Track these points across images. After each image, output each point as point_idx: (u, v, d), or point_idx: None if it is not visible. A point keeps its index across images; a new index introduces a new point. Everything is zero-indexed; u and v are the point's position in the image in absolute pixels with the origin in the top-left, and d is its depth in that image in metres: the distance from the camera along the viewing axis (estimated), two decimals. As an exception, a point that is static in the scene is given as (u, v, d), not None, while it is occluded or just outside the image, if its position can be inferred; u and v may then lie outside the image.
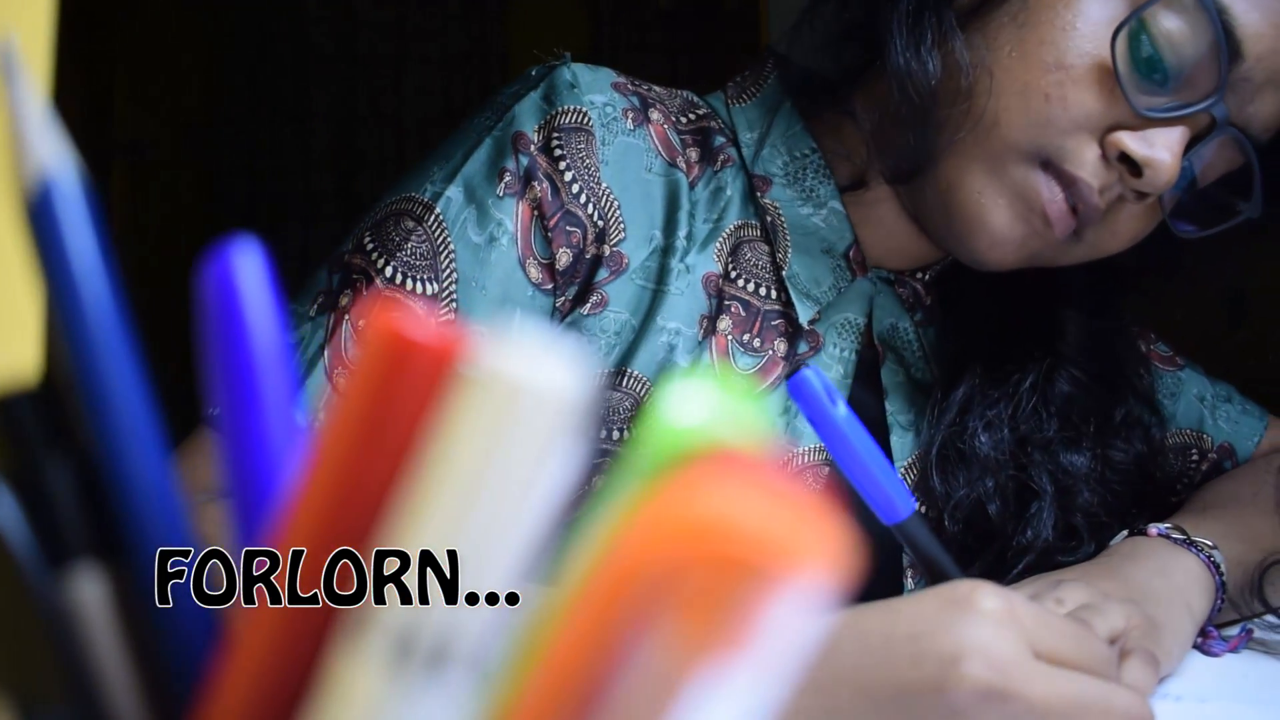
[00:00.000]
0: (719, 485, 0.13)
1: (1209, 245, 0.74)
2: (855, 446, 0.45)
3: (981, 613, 0.43)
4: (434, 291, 0.63)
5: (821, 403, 0.44)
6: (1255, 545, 0.73)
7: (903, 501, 0.47)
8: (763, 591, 0.13)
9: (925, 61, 0.64)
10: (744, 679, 0.13)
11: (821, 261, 0.72)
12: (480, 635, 0.14)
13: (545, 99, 0.67)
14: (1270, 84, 0.64)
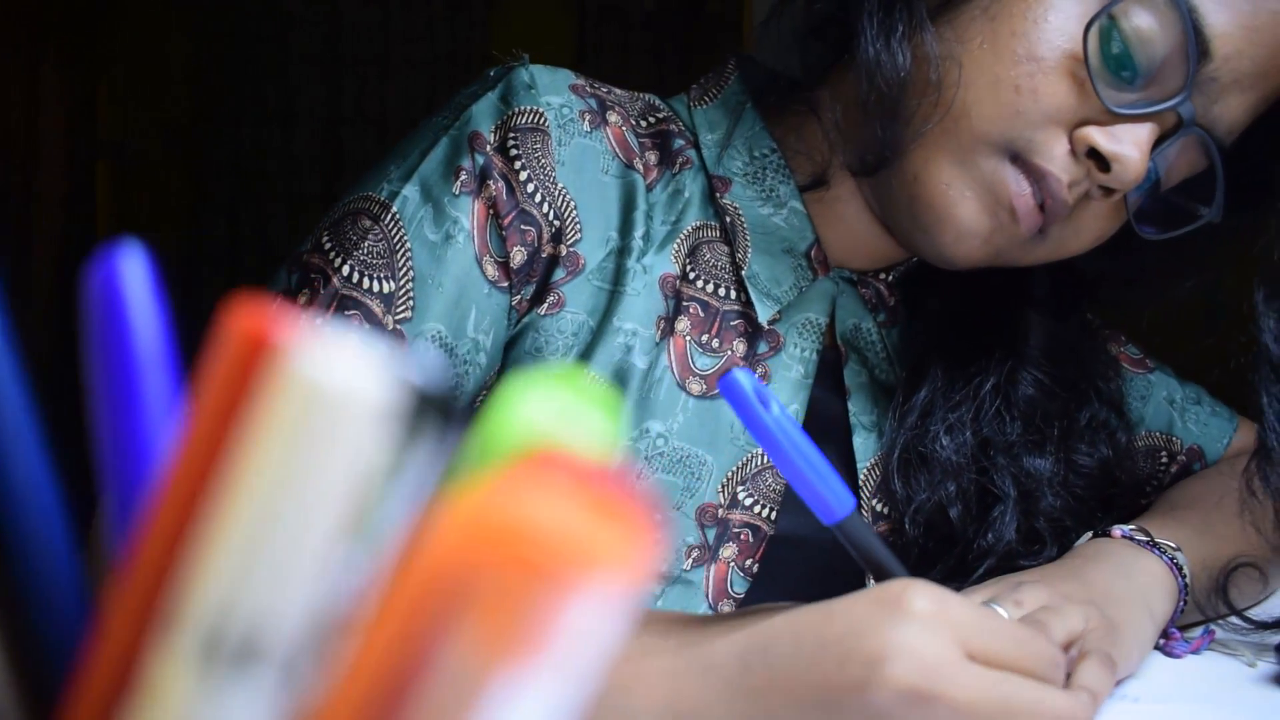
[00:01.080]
0: (530, 487, 0.12)
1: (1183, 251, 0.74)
2: (786, 447, 0.44)
3: (911, 613, 0.43)
4: (391, 290, 0.63)
5: (750, 403, 0.43)
6: (1220, 547, 0.72)
7: (840, 501, 0.46)
8: (560, 595, 0.12)
9: (895, 53, 0.64)
10: (544, 682, 0.13)
11: (782, 261, 0.72)
12: (288, 634, 0.14)
13: (502, 99, 0.67)
14: (1236, 85, 0.64)
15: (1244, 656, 0.67)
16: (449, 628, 0.12)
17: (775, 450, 0.44)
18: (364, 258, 0.63)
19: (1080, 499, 0.75)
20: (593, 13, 2.53)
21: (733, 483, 0.70)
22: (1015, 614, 0.60)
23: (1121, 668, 0.60)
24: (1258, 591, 0.74)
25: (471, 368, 0.65)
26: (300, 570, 0.14)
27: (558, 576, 0.12)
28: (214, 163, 2.52)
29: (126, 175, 2.48)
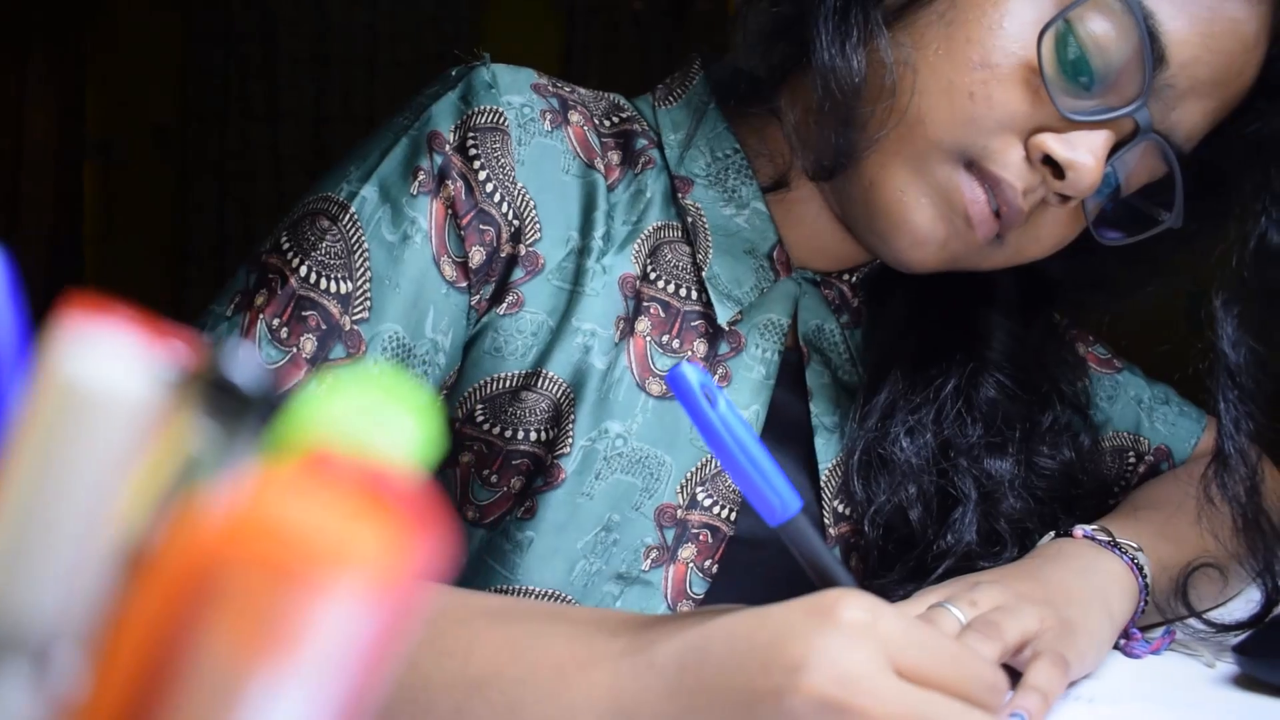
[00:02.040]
0: (292, 487, 0.12)
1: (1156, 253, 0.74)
2: (731, 445, 0.43)
3: (839, 623, 0.42)
4: (348, 290, 0.63)
5: (696, 398, 0.42)
6: (1182, 548, 0.72)
7: (784, 503, 0.45)
8: (309, 595, 0.12)
9: (850, 58, 0.63)
10: (299, 681, 0.13)
11: (744, 262, 0.72)
12: (44, 627, 0.14)
13: (462, 99, 0.67)
14: (1193, 92, 0.63)
15: (1203, 657, 0.67)
16: (201, 626, 0.12)
17: (720, 448, 0.44)
18: (322, 258, 0.63)
19: (1042, 500, 0.75)
20: (580, 12, 2.53)
21: (692, 483, 0.70)
22: (970, 614, 0.60)
23: (1076, 668, 0.60)
24: (1218, 593, 0.74)
25: (430, 368, 0.65)
26: (56, 565, 0.13)
27: (306, 576, 0.12)
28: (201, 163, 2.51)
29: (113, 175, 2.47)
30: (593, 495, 0.68)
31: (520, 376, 0.67)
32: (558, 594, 0.68)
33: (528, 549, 0.67)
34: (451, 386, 0.68)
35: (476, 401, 0.68)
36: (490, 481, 0.68)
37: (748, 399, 0.72)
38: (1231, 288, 0.67)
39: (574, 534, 0.68)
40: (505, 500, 0.68)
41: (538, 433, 0.68)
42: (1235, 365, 0.67)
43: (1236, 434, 0.68)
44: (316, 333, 0.62)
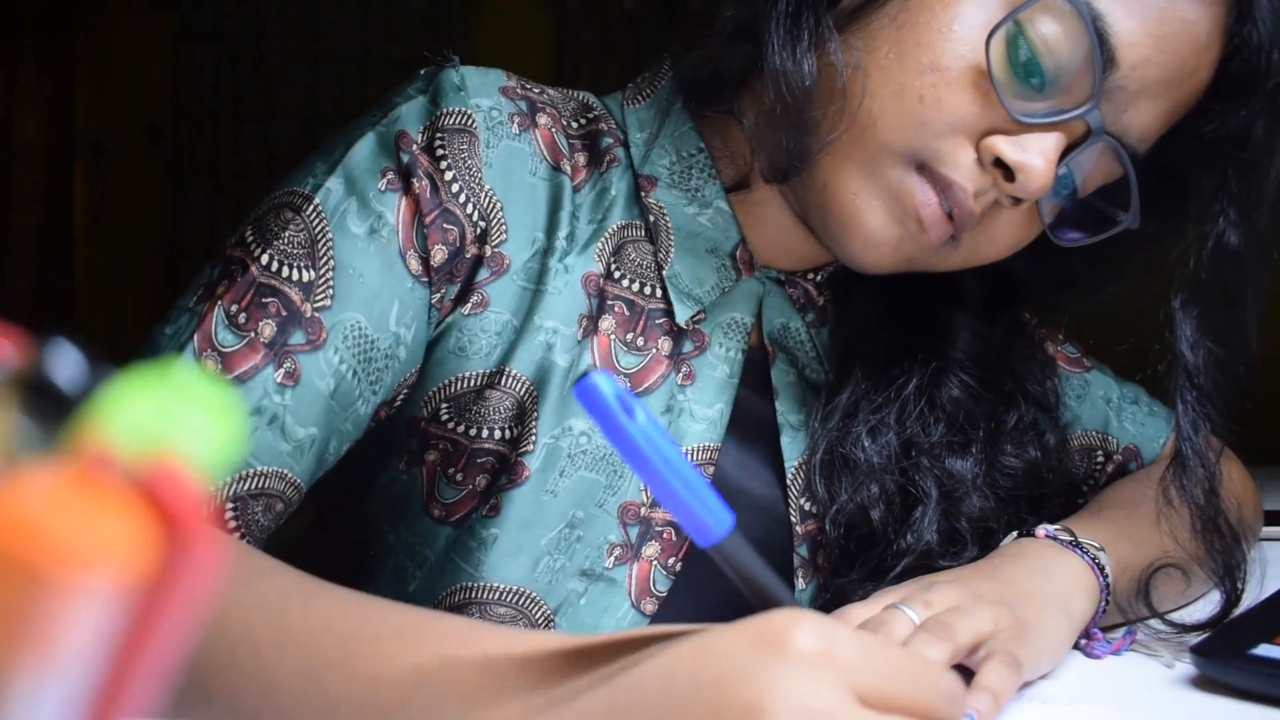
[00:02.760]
0: (59, 487, 0.12)
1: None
2: (654, 460, 0.39)
3: (794, 654, 0.38)
4: (310, 279, 0.63)
5: (610, 410, 0.38)
6: (1145, 548, 0.72)
7: (716, 520, 0.41)
8: (50, 592, 0.12)
9: (801, 62, 0.64)
10: (35, 678, 0.13)
11: (706, 261, 0.72)
12: None
13: (431, 100, 0.67)
14: (1145, 94, 0.64)
15: (1163, 658, 0.67)
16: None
17: (641, 464, 0.39)
18: (284, 247, 0.63)
19: (1007, 500, 0.75)
20: (572, 11, 2.53)
21: None
22: (924, 614, 0.60)
23: (1030, 668, 0.60)
24: (1181, 593, 0.74)
25: (392, 361, 0.65)
26: None
27: (49, 574, 0.12)
28: (193, 162, 2.51)
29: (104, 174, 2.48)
30: (556, 492, 0.68)
31: (484, 375, 0.68)
32: (523, 590, 0.68)
33: (492, 546, 0.67)
34: (416, 386, 0.68)
35: (441, 401, 0.68)
36: (456, 480, 0.68)
37: (712, 398, 0.72)
38: (1190, 289, 0.68)
39: (538, 531, 0.68)
40: (471, 498, 0.68)
41: (502, 431, 0.68)
42: (1193, 367, 0.67)
43: (1194, 436, 0.68)
44: (276, 319, 0.62)
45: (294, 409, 0.62)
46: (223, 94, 2.54)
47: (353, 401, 0.64)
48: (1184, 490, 0.68)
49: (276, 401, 0.61)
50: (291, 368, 0.61)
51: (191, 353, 0.61)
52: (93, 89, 2.49)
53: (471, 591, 0.68)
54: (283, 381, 0.61)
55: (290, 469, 0.62)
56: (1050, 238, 0.68)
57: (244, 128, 2.55)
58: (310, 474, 0.63)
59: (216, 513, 0.60)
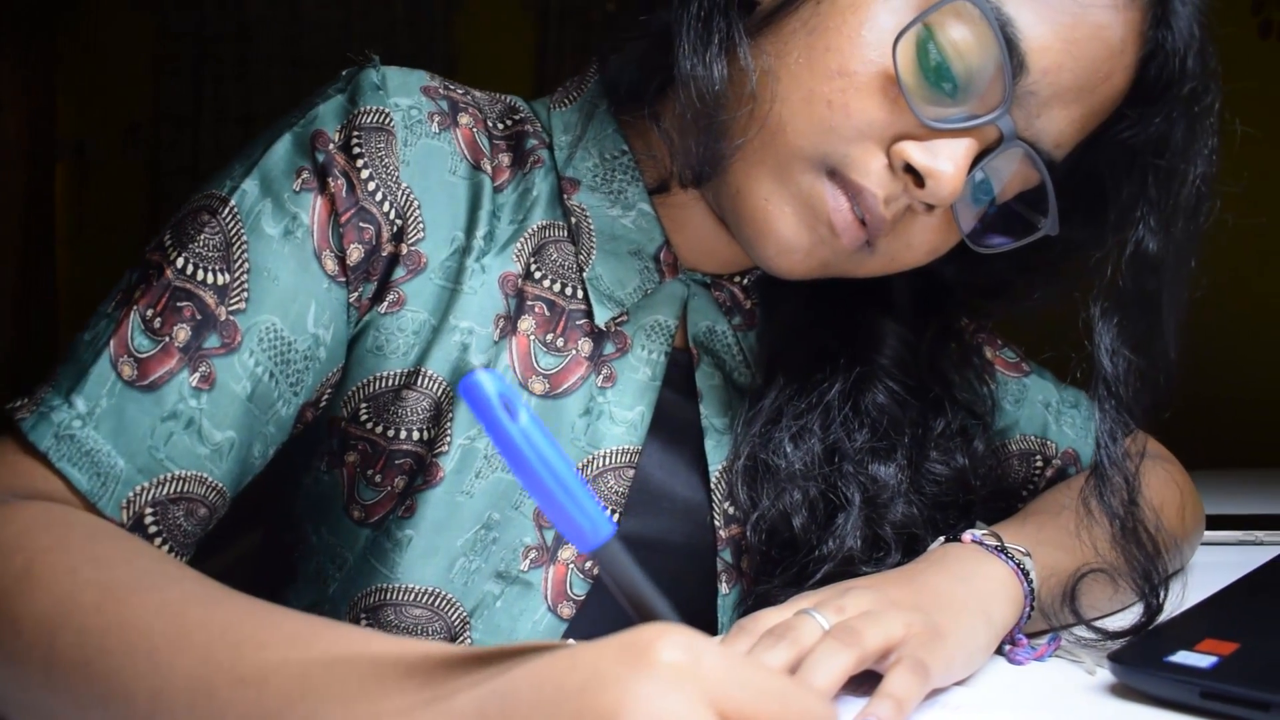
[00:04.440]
0: None
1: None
2: (534, 462, 0.39)
3: (657, 665, 0.37)
4: (225, 281, 0.62)
5: (493, 411, 0.38)
6: (1074, 554, 0.71)
7: (595, 527, 0.40)
8: None
9: (711, 66, 0.63)
10: None
11: (628, 263, 0.71)
12: None
13: (349, 100, 0.67)
14: (1058, 99, 0.63)
15: (1085, 665, 0.66)
16: None
17: (519, 464, 0.39)
18: (200, 250, 0.63)
19: (935, 507, 0.74)
20: (554, 13, 2.53)
21: None
22: (836, 619, 0.59)
23: (941, 675, 0.60)
24: (1110, 599, 0.73)
25: (312, 363, 0.65)
26: None
27: None
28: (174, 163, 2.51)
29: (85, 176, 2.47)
30: (472, 494, 0.67)
31: (402, 375, 0.67)
32: (438, 592, 0.67)
33: (407, 547, 0.67)
34: (337, 385, 0.68)
35: (360, 400, 0.68)
36: (375, 481, 0.68)
37: (633, 400, 0.71)
38: (1109, 297, 0.67)
39: (453, 532, 0.67)
40: (389, 500, 0.68)
41: (419, 432, 0.67)
42: (1111, 375, 0.66)
43: (1111, 445, 0.67)
44: (191, 323, 0.61)
45: (210, 413, 0.61)
46: (204, 95, 2.54)
47: (272, 403, 0.64)
48: (1103, 500, 0.68)
49: (192, 406, 0.61)
50: (207, 372, 0.61)
51: (108, 359, 0.60)
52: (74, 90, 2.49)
53: (387, 593, 0.67)
54: (198, 386, 0.61)
55: (210, 473, 0.62)
56: (968, 244, 0.67)
57: (225, 129, 2.55)
58: (233, 478, 0.63)
59: (136, 518, 0.59)
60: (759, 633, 0.59)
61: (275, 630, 0.48)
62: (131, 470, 0.59)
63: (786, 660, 0.56)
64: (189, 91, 2.54)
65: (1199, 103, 0.64)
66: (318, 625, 0.48)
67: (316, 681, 0.44)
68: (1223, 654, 0.62)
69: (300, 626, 0.48)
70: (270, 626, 0.48)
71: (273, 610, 0.50)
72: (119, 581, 0.51)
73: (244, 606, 0.51)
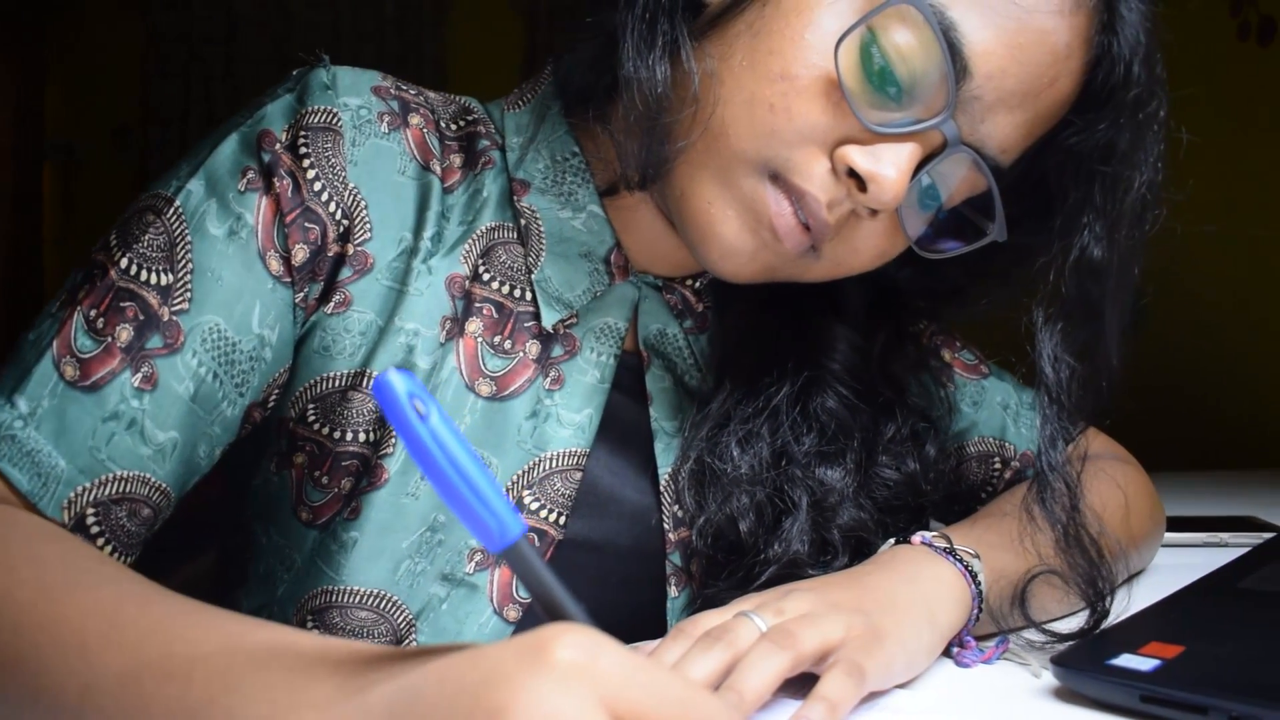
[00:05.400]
0: None
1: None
2: (441, 462, 0.39)
3: (552, 664, 0.37)
4: (169, 282, 0.62)
5: (402, 410, 0.38)
6: (1025, 557, 0.71)
7: (503, 527, 0.40)
8: None
9: (654, 69, 0.63)
10: None
11: (578, 265, 0.71)
12: None
13: (298, 99, 0.67)
14: (1002, 104, 0.62)
15: (1031, 667, 0.66)
16: None
17: (428, 465, 0.39)
18: (144, 250, 0.63)
19: (886, 510, 0.74)
20: (542, 14, 2.53)
21: (518, 486, 0.69)
22: (774, 622, 0.59)
23: (880, 678, 0.59)
24: (1061, 602, 0.72)
25: (258, 363, 0.65)
26: None
27: None
28: (162, 164, 2.51)
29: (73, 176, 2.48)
30: (418, 496, 0.67)
31: (349, 376, 0.67)
32: (384, 594, 0.67)
33: (352, 549, 0.67)
34: (285, 385, 0.68)
35: (308, 401, 0.68)
36: (322, 483, 0.68)
37: (581, 403, 0.71)
38: (1050, 304, 0.66)
39: (399, 534, 0.67)
40: (336, 501, 0.68)
41: (365, 433, 0.67)
42: (1054, 382, 0.66)
43: (1052, 450, 0.67)
44: (133, 323, 0.61)
45: (153, 413, 0.61)
46: (192, 96, 2.54)
47: (217, 404, 0.64)
48: (1045, 506, 0.67)
49: (134, 406, 0.61)
50: (149, 372, 0.61)
51: (51, 359, 0.60)
52: (62, 91, 2.49)
53: (332, 595, 0.67)
54: (140, 386, 0.61)
55: (153, 473, 0.61)
56: (914, 249, 0.67)
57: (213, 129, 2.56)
58: (177, 478, 0.63)
59: (78, 518, 0.59)
60: (697, 635, 0.58)
61: (203, 627, 0.48)
62: (73, 471, 0.59)
63: (722, 663, 0.56)
64: (178, 92, 2.54)
65: (1144, 109, 0.64)
66: (246, 623, 0.48)
67: (241, 677, 0.44)
68: (1166, 657, 0.62)
69: (228, 624, 0.49)
70: (199, 624, 0.49)
71: (204, 609, 0.51)
72: (55, 581, 0.51)
73: (176, 605, 0.51)
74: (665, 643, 0.59)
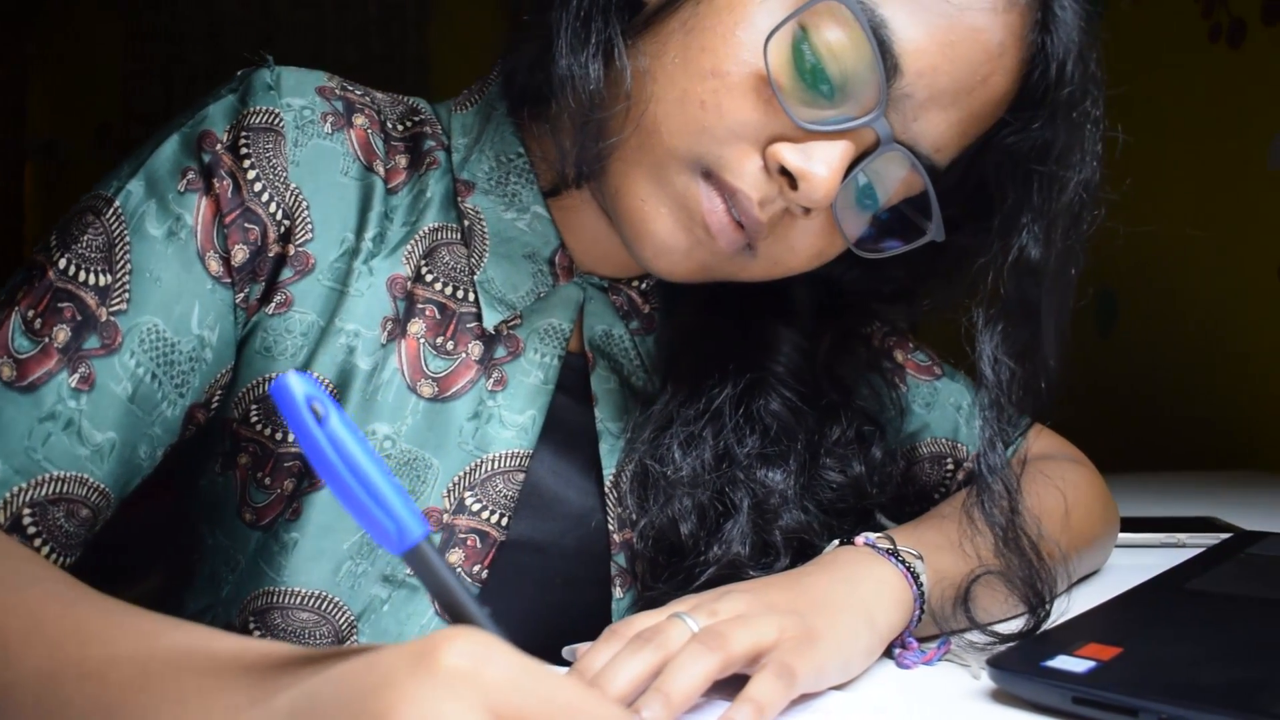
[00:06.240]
0: None
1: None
2: (337, 465, 0.39)
3: (438, 671, 0.36)
4: (107, 282, 0.63)
5: (297, 411, 0.38)
6: (969, 559, 0.71)
7: (401, 530, 0.40)
8: None
9: (587, 66, 0.63)
10: None
11: (522, 266, 0.71)
12: None
13: (240, 100, 0.67)
14: (934, 102, 0.62)
15: (971, 668, 0.66)
16: None
17: (325, 469, 0.39)
18: (82, 251, 0.63)
19: (831, 513, 0.74)
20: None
21: (459, 488, 0.69)
22: (707, 623, 0.59)
23: (812, 679, 0.59)
24: (1003, 603, 0.72)
25: (199, 364, 0.65)
26: None
27: None
28: (145, 163, 2.51)
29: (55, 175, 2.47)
30: None
31: None
32: (325, 595, 0.67)
33: (293, 550, 0.67)
34: (228, 386, 0.68)
35: (250, 402, 0.68)
36: (264, 484, 0.68)
37: (523, 404, 0.71)
38: (992, 304, 0.66)
39: (339, 535, 0.67)
40: (279, 503, 0.68)
41: None
42: (993, 383, 0.66)
43: (991, 453, 0.67)
44: (71, 324, 0.61)
45: (90, 414, 0.61)
46: (175, 96, 2.54)
47: (156, 405, 0.64)
48: (984, 509, 0.67)
49: (72, 406, 0.61)
50: (86, 373, 0.61)
51: None
52: (45, 89, 2.49)
53: (274, 596, 0.67)
54: (77, 386, 0.61)
55: (90, 473, 0.62)
56: (852, 249, 0.67)
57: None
58: (116, 479, 0.63)
59: (14, 519, 0.59)
60: (629, 637, 0.58)
61: (123, 627, 0.48)
62: (8, 471, 0.59)
63: (651, 664, 0.56)
64: (160, 92, 2.53)
65: (1077, 108, 0.64)
66: (165, 624, 0.48)
67: (155, 677, 0.44)
68: (1102, 659, 0.62)
69: (148, 624, 0.49)
70: (119, 624, 0.49)
71: (126, 609, 0.51)
72: None
73: (99, 605, 0.51)
74: (598, 644, 0.59)
